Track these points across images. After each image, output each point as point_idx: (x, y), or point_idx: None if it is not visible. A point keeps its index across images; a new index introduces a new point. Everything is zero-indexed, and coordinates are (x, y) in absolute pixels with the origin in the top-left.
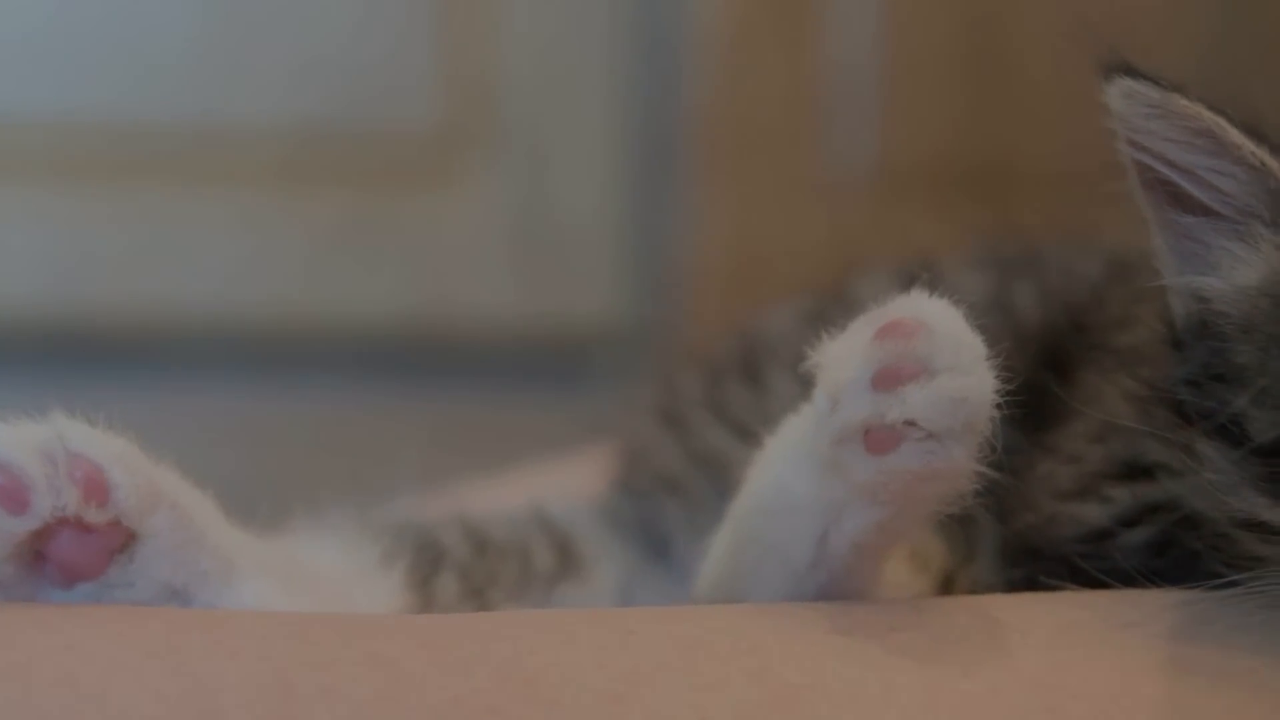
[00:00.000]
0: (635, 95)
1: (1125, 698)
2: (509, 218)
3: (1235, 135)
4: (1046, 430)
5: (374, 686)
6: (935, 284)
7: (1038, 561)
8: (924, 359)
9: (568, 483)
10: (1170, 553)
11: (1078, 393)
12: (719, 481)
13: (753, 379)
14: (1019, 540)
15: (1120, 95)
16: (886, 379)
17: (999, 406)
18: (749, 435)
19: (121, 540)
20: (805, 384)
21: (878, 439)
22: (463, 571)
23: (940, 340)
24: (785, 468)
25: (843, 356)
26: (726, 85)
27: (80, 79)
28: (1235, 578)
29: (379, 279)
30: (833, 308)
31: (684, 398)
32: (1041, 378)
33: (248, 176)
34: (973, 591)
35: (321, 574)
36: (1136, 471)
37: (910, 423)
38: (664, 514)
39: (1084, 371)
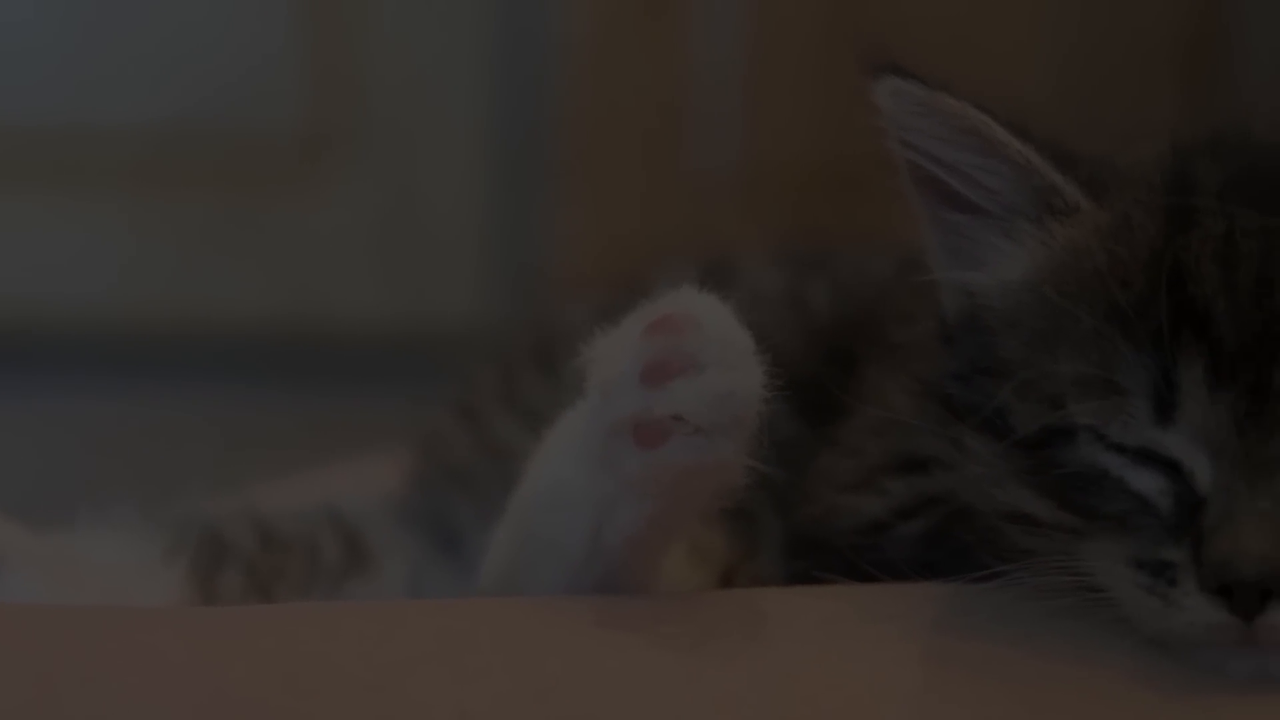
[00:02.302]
0: (501, 97)
1: (880, 688)
2: (375, 218)
3: (1001, 133)
4: (833, 424)
5: (134, 678)
6: (731, 279)
7: (817, 554)
8: (691, 354)
9: (371, 478)
10: (945, 545)
11: (862, 387)
12: (511, 475)
13: (547, 371)
14: (800, 533)
15: (888, 94)
16: (654, 374)
17: (784, 400)
18: (543, 428)
19: None
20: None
21: (646, 433)
22: (248, 567)
23: (708, 336)
24: (560, 462)
25: (613, 352)
26: (591, 86)
27: None
28: (998, 569)
29: (245, 280)
30: (629, 301)
31: (479, 391)
32: (829, 372)
33: (111, 178)
34: (754, 585)
35: (98, 569)
36: (913, 465)
37: (678, 417)
38: (456, 508)
39: (868, 367)
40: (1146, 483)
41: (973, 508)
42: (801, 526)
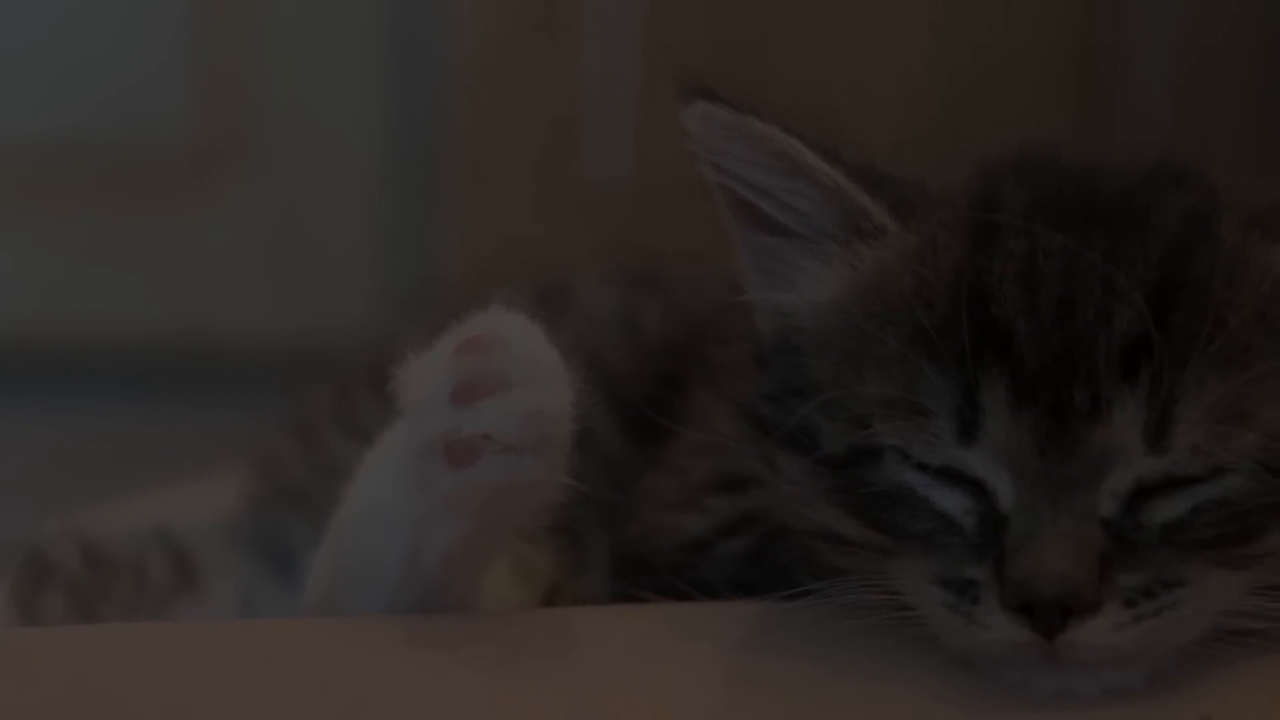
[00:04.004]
0: (394, 110)
1: (686, 708)
2: (267, 232)
3: (810, 156)
4: (660, 444)
5: None
6: (566, 300)
7: (639, 573)
8: (499, 374)
9: (216, 497)
10: (764, 564)
11: (689, 408)
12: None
13: (382, 390)
14: (623, 551)
15: (697, 118)
16: (464, 394)
17: (614, 419)
18: None
19: None
20: None
21: (456, 453)
22: (72, 588)
23: (516, 355)
24: (378, 483)
25: (424, 373)
26: (484, 100)
27: None
28: (810, 587)
29: (133, 294)
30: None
31: (315, 411)
32: (658, 393)
33: None
34: (578, 604)
35: None
36: (734, 484)
37: (487, 436)
38: (290, 528)
39: (695, 387)
40: (951, 502)
41: (788, 527)
42: (625, 545)
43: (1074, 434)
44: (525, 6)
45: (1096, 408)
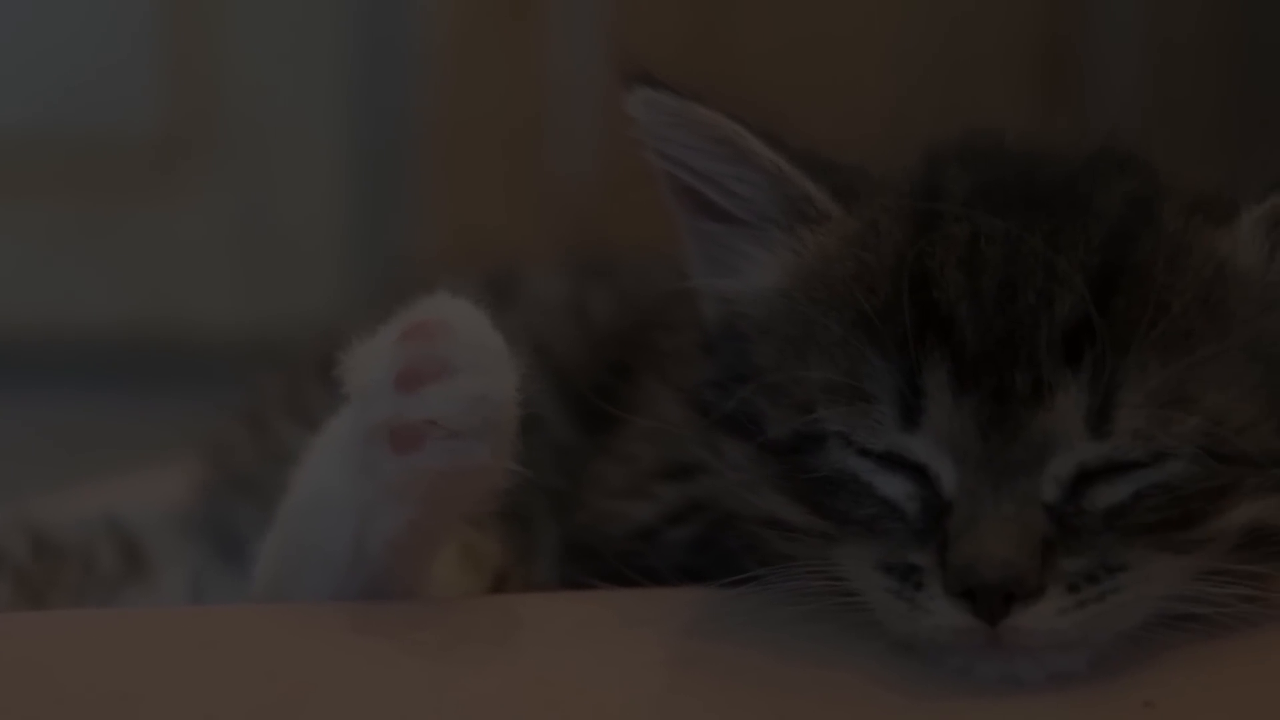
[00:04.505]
0: (361, 101)
1: (628, 692)
2: (233, 223)
3: (754, 143)
4: (610, 432)
5: None
6: (516, 288)
7: (588, 560)
8: (444, 359)
9: (164, 487)
10: (711, 551)
11: (638, 395)
12: None
13: (332, 378)
14: (572, 539)
15: (642, 104)
16: (408, 379)
17: (564, 407)
18: None
19: None
20: None
21: (402, 438)
22: (20, 575)
23: (460, 341)
24: (324, 469)
25: (368, 358)
26: (452, 92)
27: None
28: (755, 574)
29: (99, 286)
30: None
31: (266, 400)
32: (608, 381)
33: None
34: (527, 590)
35: None
36: (682, 471)
37: (432, 422)
38: (240, 516)
39: (644, 374)
40: (894, 487)
41: (735, 514)
42: (573, 532)
43: (1016, 419)
44: None
45: (1038, 392)
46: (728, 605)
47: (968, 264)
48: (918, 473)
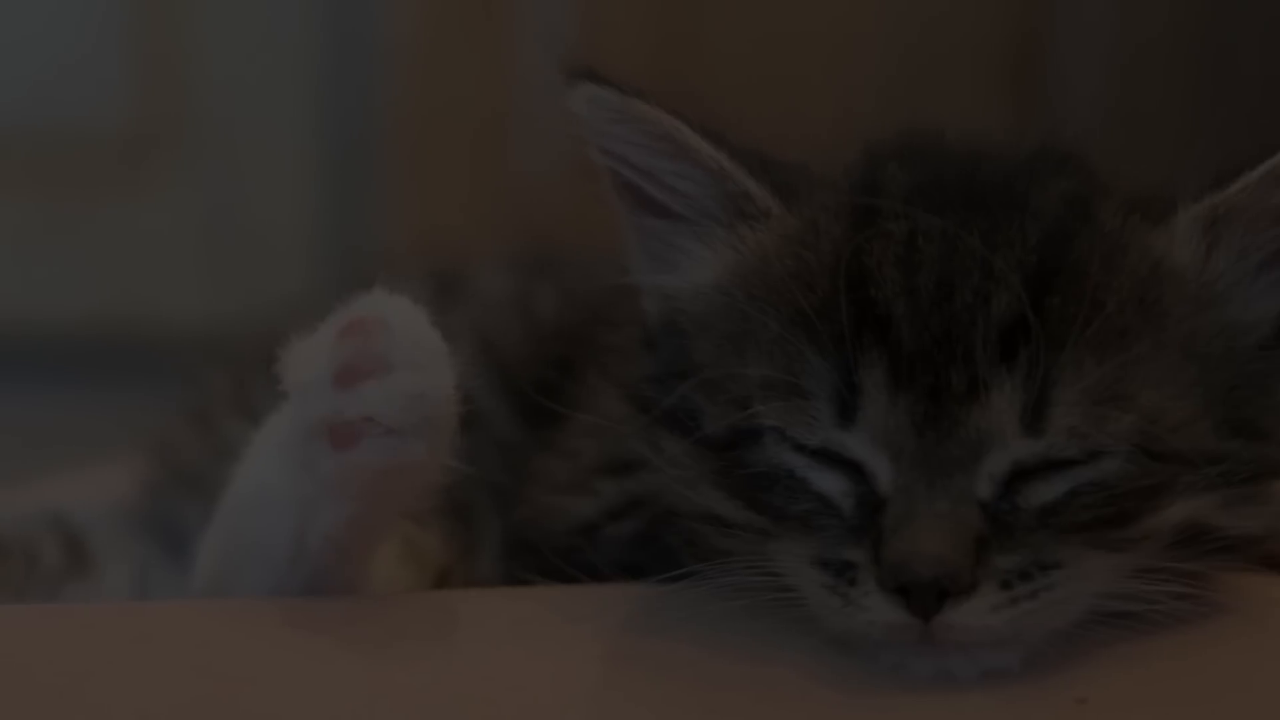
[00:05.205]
0: (330, 98)
1: (563, 688)
2: (202, 218)
3: (693, 139)
4: (553, 428)
5: None
6: (462, 286)
7: (529, 556)
8: (381, 356)
9: (113, 482)
10: (651, 547)
11: (582, 391)
12: None
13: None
14: (514, 534)
15: (584, 100)
16: (346, 376)
17: (508, 404)
18: None
19: None
20: None
21: (340, 435)
22: None
23: (397, 338)
24: (264, 465)
25: (307, 355)
26: (420, 87)
27: None
28: (693, 569)
29: (68, 281)
30: None
31: (211, 396)
32: (552, 377)
33: None
34: (470, 586)
35: None
36: (622, 467)
37: (369, 419)
38: (185, 512)
39: (587, 370)
40: (829, 483)
41: (675, 510)
42: (515, 528)
43: (951, 416)
44: None
45: (974, 390)
46: (664, 601)
47: (905, 262)
48: (853, 469)
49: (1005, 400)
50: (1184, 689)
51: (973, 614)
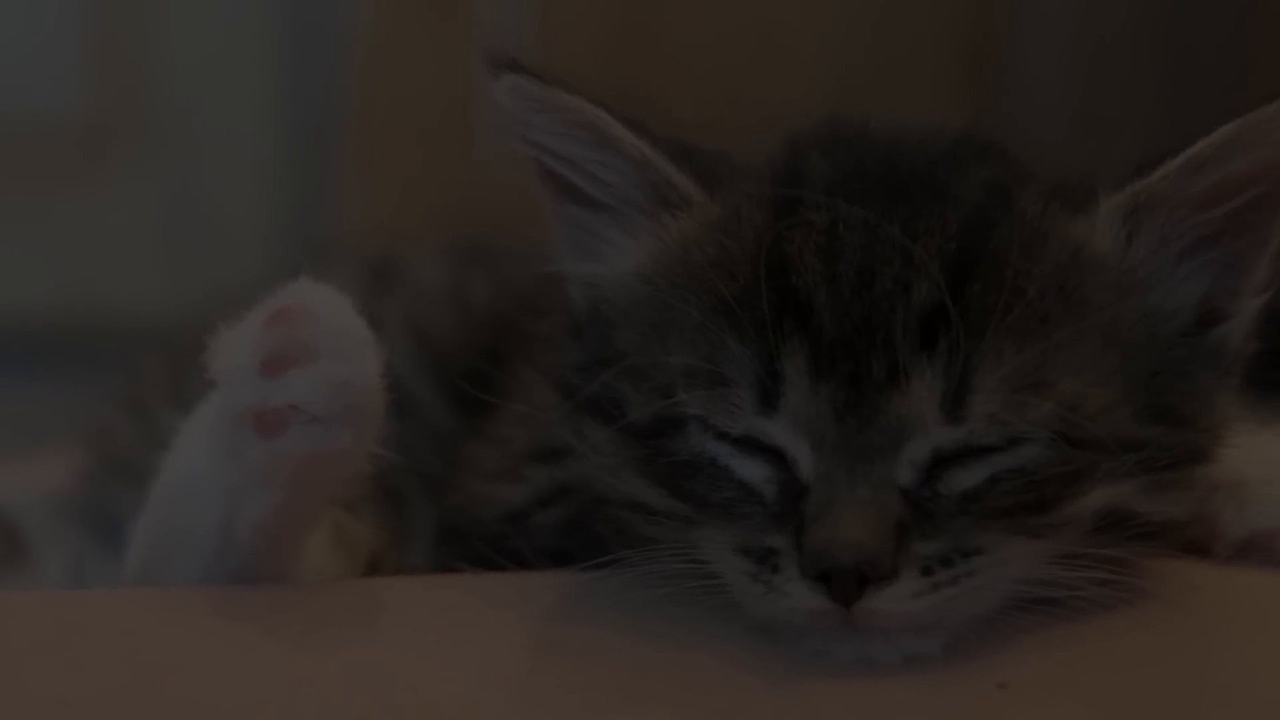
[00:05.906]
0: (290, 87)
1: (485, 676)
2: (162, 208)
3: (616, 128)
4: (486, 416)
5: None
6: (397, 275)
7: (458, 543)
8: (306, 344)
9: (53, 472)
10: (580, 534)
11: (512, 379)
12: None
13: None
14: (445, 522)
15: (507, 91)
16: (272, 364)
17: (441, 392)
18: None
19: None
20: None
21: (265, 423)
22: None
23: (323, 327)
24: (193, 454)
25: (233, 344)
26: (380, 77)
27: None
28: (618, 556)
29: (26, 271)
30: None
31: (147, 385)
32: (484, 365)
33: None
34: (400, 573)
35: None
36: (551, 454)
37: (295, 407)
38: (120, 500)
39: (517, 359)
40: (752, 471)
41: (602, 497)
42: (446, 516)
43: (872, 403)
44: None
45: (894, 377)
46: (589, 588)
47: (826, 250)
48: (776, 456)
49: (925, 387)
50: (1105, 674)
51: (894, 600)
